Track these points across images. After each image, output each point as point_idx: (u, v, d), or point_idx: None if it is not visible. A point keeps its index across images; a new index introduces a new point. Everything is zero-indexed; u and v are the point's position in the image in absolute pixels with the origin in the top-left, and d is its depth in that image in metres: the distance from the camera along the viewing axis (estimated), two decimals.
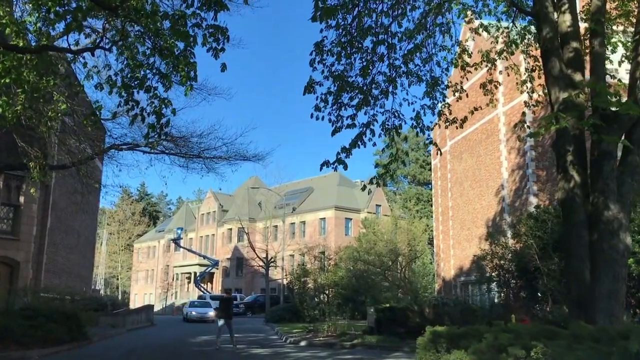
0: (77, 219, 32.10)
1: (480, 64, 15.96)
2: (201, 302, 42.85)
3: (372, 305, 22.17)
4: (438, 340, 7.73)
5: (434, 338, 7.93)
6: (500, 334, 6.46)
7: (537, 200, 29.68)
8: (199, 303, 42.50)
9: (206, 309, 38.54)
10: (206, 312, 37.85)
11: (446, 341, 7.56)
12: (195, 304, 41.88)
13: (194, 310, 38.78)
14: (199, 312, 38.11)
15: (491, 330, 6.99)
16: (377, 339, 18.17)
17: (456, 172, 38.69)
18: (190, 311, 38.58)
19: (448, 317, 17.60)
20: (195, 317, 37.28)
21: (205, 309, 38.83)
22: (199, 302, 43.87)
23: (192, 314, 37.91)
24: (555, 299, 19.62)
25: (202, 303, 42.31)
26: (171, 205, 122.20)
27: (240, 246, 68.24)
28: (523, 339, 6.10)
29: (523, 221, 21.73)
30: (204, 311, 38.22)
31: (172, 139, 23.38)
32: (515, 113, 31.87)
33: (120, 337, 22.77)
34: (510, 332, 6.62)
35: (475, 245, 35.18)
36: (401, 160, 14.14)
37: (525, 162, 30.62)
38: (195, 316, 37.54)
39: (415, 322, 18.37)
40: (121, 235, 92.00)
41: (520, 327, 7.17)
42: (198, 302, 43.07)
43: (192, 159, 24.29)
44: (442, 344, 7.56)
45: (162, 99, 11.24)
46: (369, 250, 42.26)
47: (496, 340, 6.23)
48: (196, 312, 38.19)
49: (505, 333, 6.54)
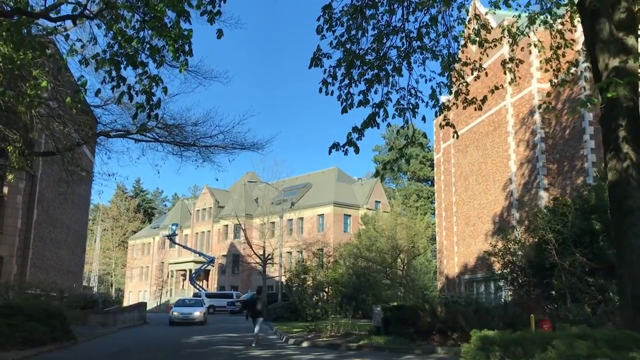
0: (66, 212, 30.70)
1: (500, 41, 14.62)
2: (190, 301, 35.72)
3: (378, 304, 20.84)
4: (490, 347, 6.43)
5: (483, 345, 6.64)
6: (576, 342, 5.15)
7: (548, 195, 28.43)
8: (186, 301, 35.16)
9: (191, 309, 31.23)
10: (191, 312, 30.64)
11: (500, 349, 6.25)
12: (180, 302, 34.67)
13: (176, 310, 31.43)
14: (182, 313, 30.55)
15: (560, 336, 5.68)
16: (385, 340, 16.87)
17: (461, 166, 37.41)
18: (172, 311, 31.59)
19: (462, 316, 16.28)
20: (177, 319, 30.21)
21: (191, 308, 31.47)
22: (188, 300, 36.78)
23: (174, 315, 30.68)
24: (575, 297, 18.36)
25: (190, 302, 34.97)
26: (167, 202, 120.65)
27: (237, 243, 66.85)
28: (600, 347, 4.82)
29: (539, 215, 20.42)
30: (187, 311, 30.84)
31: (166, 126, 22.05)
32: (525, 104, 30.63)
33: (109, 337, 21.39)
34: (586, 338, 5.32)
35: (481, 241, 33.96)
36: (417, 142, 12.81)
37: (535, 155, 29.36)
38: (177, 317, 30.31)
39: (426, 321, 17.07)
40: (115, 231, 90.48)
41: (595, 332, 5.86)
42: (185, 301, 35.62)
43: (187, 148, 22.92)
44: (494, 352, 6.26)
45: (152, 76, 9.98)
46: (369, 246, 41.01)
47: (571, 350, 4.94)
48: (178, 313, 30.64)
49: (581, 340, 5.23)
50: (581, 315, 17.14)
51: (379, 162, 75.15)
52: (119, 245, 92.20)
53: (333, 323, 20.14)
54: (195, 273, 67.95)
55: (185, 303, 33.85)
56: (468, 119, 36.40)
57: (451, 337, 16.45)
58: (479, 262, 34.13)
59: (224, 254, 69.72)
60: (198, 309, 31.51)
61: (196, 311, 30.83)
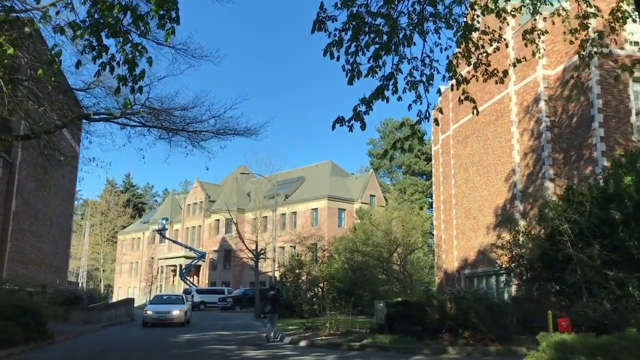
0: (49, 203, 29.17)
1: (519, 10, 13.31)
2: (168, 297, 29.86)
3: (380, 300, 19.54)
4: (571, 356, 5.13)
5: (561, 353, 5.31)
6: None
7: (554, 186, 27.28)
8: (164, 298, 29.49)
9: (169, 307, 25.99)
10: (168, 310, 25.46)
11: (586, 358, 4.96)
12: (157, 299, 29.46)
13: (150, 308, 26.43)
14: (158, 312, 25.49)
15: None
16: (391, 339, 15.57)
17: (460, 158, 36.16)
18: (146, 309, 26.46)
19: (475, 313, 15.00)
20: (150, 319, 25.30)
21: (169, 306, 26.20)
22: (166, 296, 30.78)
23: (147, 314, 25.68)
24: (592, 292, 17.14)
25: (169, 298, 29.29)
26: (157, 197, 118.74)
27: (228, 238, 65.38)
28: None
29: (550, 205, 19.16)
30: (164, 310, 25.64)
31: (153, 111, 20.58)
32: (529, 91, 29.40)
33: (91, 336, 19.96)
34: None
35: (482, 235, 32.78)
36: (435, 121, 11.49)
37: (541, 145, 28.14)
38: (151, 317, 25.35)
39: (435, 319, 15.80)
40: (104, 226, 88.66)
41: None
42: (163, 297, 29.95)
43: (175, 134, 21.44)
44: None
45: (134, 44, 8.64)
46: (365, 240, 39.73)
47: None
48: (152, 312, 25.61)
49: None
50: (600, 312, 15.94)
51: (374, 156, 73.91)
52: (108, 241, 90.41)
53: (332, 320, 18.80)
54: (186, 268, 66.43)
55: (163, 300, 28.37)
56: (468, 108, 34.91)
57: (462, 335, 15.20)
58: (480, 256, 32.94)
59: (215, 249, 68.28)
60: (177, 307, 26.11)
61: (175, 309, 25.50)
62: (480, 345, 14.66)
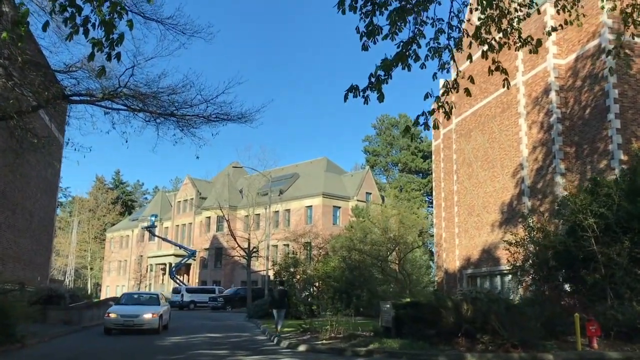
0: (29, 196, 27.36)
1: None
2: (140, 296, 23.55)
3: (386, 300, 17.96)
4: None
5: None
6: None
7: (565, 181, 25.84)
8: (134, 297, 23.13)
9: (139, 309, 20.20)
10: (137, 314, 19.69)
11: None
12: (125, 298, 22.89)
13: (114, 310, 20.15)
14: (124, 315, 19.53)
15: None
16: (400, 343, 13.98)
17: (463, 153, 34.68)
18: (109, 312, 20.06)
19: (495, 316, 13.44)
20: (113, 325, 19.44)
21: (139, 308, 20.48)
22: (138, 295, 24.12)
23: (110, 318, 19.50)
24: (619, 293, 15.65)
25: (140, 297, 23.08)
26: (147, 194, 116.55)
27: (220, 235, 63.64)
28: None
29: (569, 199, 17.64)
30: (132, 312, 19.76)
31: (139, 95, 18.91)
32: (539, 82, 27.96)
33: (68, 338, 18.25)
34: None
35: (487, 233, 31.34)
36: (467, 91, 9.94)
37: (551, 138, 26.69)
38: (115, 322, 19.41)
39: (450, 322, 14.23)
40: (92, 223, 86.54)
41: None
42: (133, 296, 23.43)
43: (165, 118, 19.76)
44: None
45: (113, 3, 7.22)
46: (363, 238, 38.20)
47: None
48: (117, 315, 19.58)
49: None
50: (629, 315, 14.45)
51: (369, 153, 72.35)
52: (96, 238, 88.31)
53: (333, 322, 17.18)
54: (176, 267, 64.63)
55: (133, 299, 22.48)
56: (472, 100, 33.66)
57: (481, 340, 13.63)
58: (484, 255, 31.49)
59: (206, 247, 66.51)
60: (150, 308, 20.29)
61: (146, 312, 19.76)
62: (502, 352, 13.12)
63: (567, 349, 13.50)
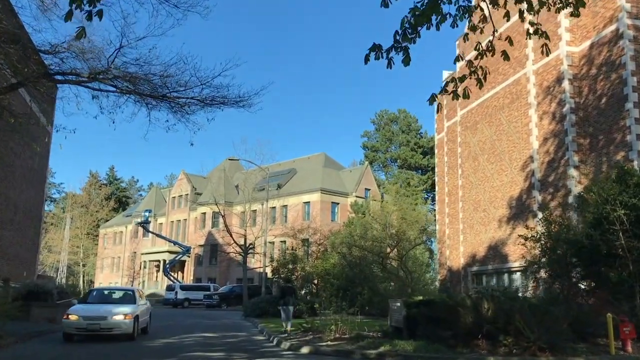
0: (14, 186, 25.93)
1: None
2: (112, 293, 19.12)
3: (396, 299, 16.65)
4: None
5: None
6: None
7: (578, 174, 24.60)
8: (104, 293, 18.88)
9: (109, 309, 16.24)
10: (105, 315, 15.80)
11: None
12: (94, 295, 18.61)
13: (77, 311, 16.02)
14: (88, 317, 15.60)
15: None
16: (414, 346, 12.67)
17: (468, 146, 33.39)
18: (69, 313, 15.91)
19: (520, 316, 12.15)
20: (75, 328, 15.46)
21: (108, 308, 16.38)
22: (109, 290, 19.72)
23: (70, 321, 15.47)
24: None
25: (112, 294, 18.73)
26: (142, 191, 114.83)
27: (215, 232, 62.27)
28: None
29: (593, 189, 16.37)
30: (100, 313, 15.92)
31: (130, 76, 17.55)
32: (551, 70, 26.69)
33: (50, 337, 16.87)
34: None
35: (494, 229, 30.08)
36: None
37: (564, 129, 25.42)
38: (77, 325, 15.41)
39: (468, 322, 12.94)
40: (84, 219, 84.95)
41: None
42: (103, 292, 19.15)
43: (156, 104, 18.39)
44: None
45: None
46: (363, 234, 36.89)
47: None
48: (79, 317, 15.56)
49: None
50: None
51: (368, 149, 71.01)
52: (89, 234, 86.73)
53: (339, 321, 15.85)
54: (170, 264, 63.25)
55: (102, 296, 18.18)
56: (478, 91, 32.26)
57: (503, 342, 12.37)
58: (491, 252, 30.23)
59: (201, 243, 65.08)
60: (123, 308, 16.37)
61: (117, 313, 15.83)
62: (527, 355, 11.87)
63: (598, 353, 12.25)
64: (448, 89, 8.43)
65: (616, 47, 23.60)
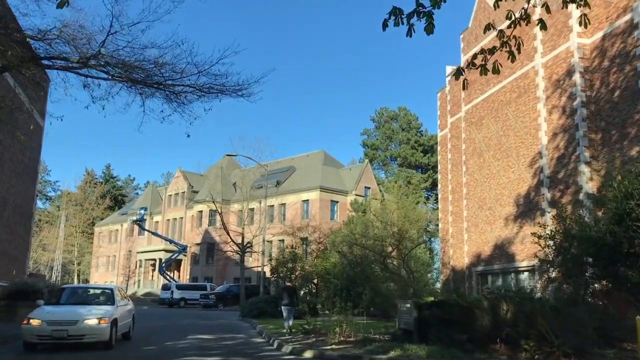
0: (2, 180, 24.92)
1: None
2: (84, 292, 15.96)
3: (406, 299, 15.69)
4: None
5: None
6: None
7: (590, 170, 23.70)
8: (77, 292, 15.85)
9: (79, 311, 13.41)
10: (75, 319, 12.95)
11: None
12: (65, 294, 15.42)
13: (40, 315, 13.21)
14: (53, 321, 12.84)
15: None
16: (427, 350, 11.69)
17: (473, 142, 32.45)
18: (32, 317, 13.17)
19: (543, 319, 11.20)
20: (37, 336, 12.80)
21: (78, 310, 13.55)
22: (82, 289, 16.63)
23: (31, 327, 12.83)
24: None
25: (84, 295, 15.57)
26: (139, 190, 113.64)
27: (212, 230, 61.23)
28: None
29: (613, 184, 15.42)
30: (67, 316, 13.15)
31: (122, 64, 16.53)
32: (560, 63, 25.79)
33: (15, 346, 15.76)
34: None
35: (500, 227, 29.15)
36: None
37: (575, 123, 24.49)
38: (39, 332, 12.73)
39: (485, 324, 11.98)
40: (79, 216, 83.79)
41: None
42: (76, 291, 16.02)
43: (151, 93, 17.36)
44: None
45: None
46: (364, 233, 35.91)
47: None
48: (41, 321, 12.83)
49: None
50: None
51: (368, 147, 70.02)
52: (84, 232, 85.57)
53: (343, 323, 14.86)
54: (166, 263, 62.17)
55: (75, 296, 15.20)
56: (484, 86, 31.47)
57: (524, 347, 11.40)
58: (497, 251, 29.30)
59: (198, 242, 64.02)
60: (97, 310, 13.59)
61: (90, 317, 13.05)
62: None
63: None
64: (476, 61, 7.48)
65: (630, 37, 22.67)
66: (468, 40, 34.41)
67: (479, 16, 33.27)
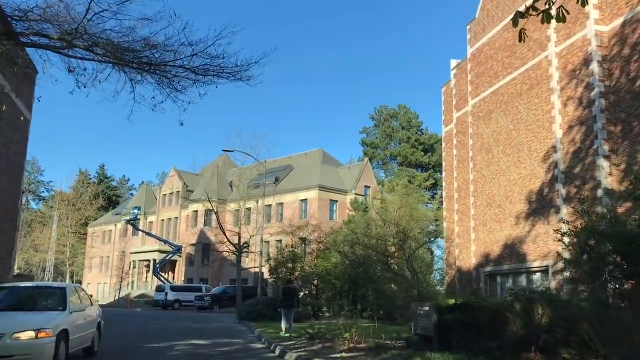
0: None
1: None
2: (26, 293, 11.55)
3: (425, 302, 14.26)
4: None
5: None
6: None
7: (609, 164, 22.31)
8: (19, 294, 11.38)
9: (9, 320, 9.55)
10: (2, 332, 8.90)
11: None
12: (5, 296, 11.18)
13: None
14: None
15: None
16: (452, 359, 10.25)
17: (481, 137, 31.05)
18: None
19: (587, 324, 9.78)
20: None
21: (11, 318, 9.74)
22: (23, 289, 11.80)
23: None
24: None
25: (25, 296, 11.33)
26: (133, 190, 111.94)
27: (208, 230, 59.71)
28: None
29: None
30: None
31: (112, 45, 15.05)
32: (576, 52, 24.41)
33: None
34: None
35: (510, 226, 27.74)
36: None
37: (592, 115, 23.12)
38: None
39: (517, 330, 10.54)
40: (71, 216, 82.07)
41: None
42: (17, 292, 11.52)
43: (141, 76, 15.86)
44: None
45: None
46: (367, 232, 34.52)
47: None
48: None
49: None
50: None
51: (367, 145, 68.63)
52: (77, 233, 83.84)
53: (353, 327, 13.39)
54: (160, 264, 60.61)
55: (16, 297, 11.26)
56: (493, 79, 30.10)
57: (564, 356, 9.95)
58: (507, 251, 27.88)
59: (193, 242, 62.44)
60: (38, 318, 9.84)
61: (23, 328, 9.19)
62: None
63: None
64: (538, 6, 6.07)
65: None
66: (475, 31, 33.05)
67: (487, 6, 31.91)
